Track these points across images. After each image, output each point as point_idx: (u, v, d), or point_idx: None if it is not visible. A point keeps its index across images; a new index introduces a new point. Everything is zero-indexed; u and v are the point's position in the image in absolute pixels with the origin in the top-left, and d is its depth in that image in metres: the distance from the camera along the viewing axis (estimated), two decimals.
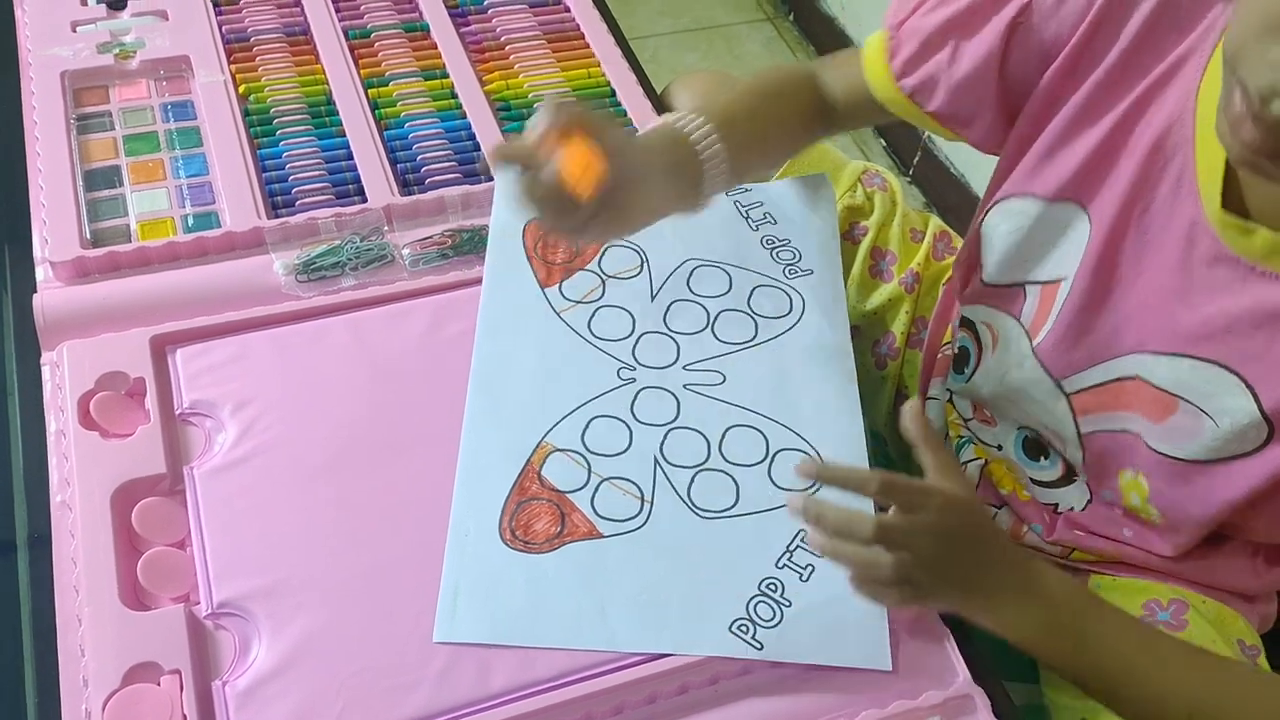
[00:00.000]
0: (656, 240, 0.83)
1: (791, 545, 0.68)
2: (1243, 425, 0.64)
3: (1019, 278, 0.76)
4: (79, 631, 0.61)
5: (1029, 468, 0.81)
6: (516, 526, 0.68)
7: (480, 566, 0.66)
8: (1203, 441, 0.67)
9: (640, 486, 0.71)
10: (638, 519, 0.69)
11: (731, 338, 0.79)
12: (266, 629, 0.62)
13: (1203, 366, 0.65)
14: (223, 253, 0.81)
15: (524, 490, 0.69)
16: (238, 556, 0.65)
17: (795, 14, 2.23)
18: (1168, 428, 0.69)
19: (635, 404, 0.75)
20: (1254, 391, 0.64)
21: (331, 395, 0.73)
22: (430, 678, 0.61)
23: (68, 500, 0.67)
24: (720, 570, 0.67)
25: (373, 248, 0.81)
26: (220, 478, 0.68)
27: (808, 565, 0.67)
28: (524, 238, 0.83)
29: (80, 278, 0.78)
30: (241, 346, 0.75)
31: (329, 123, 0.91)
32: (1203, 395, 0.66)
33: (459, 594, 0.64)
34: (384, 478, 0.69)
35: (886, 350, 0.92)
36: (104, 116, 0.90)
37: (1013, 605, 0.62)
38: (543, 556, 0.67)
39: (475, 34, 1.01)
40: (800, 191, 0.89)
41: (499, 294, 0.79)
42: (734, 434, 0.74)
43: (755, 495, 0.71)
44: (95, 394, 0.70)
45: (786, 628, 0.65)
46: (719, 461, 0.72)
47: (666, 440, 0.73)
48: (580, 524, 0.68)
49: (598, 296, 0.80)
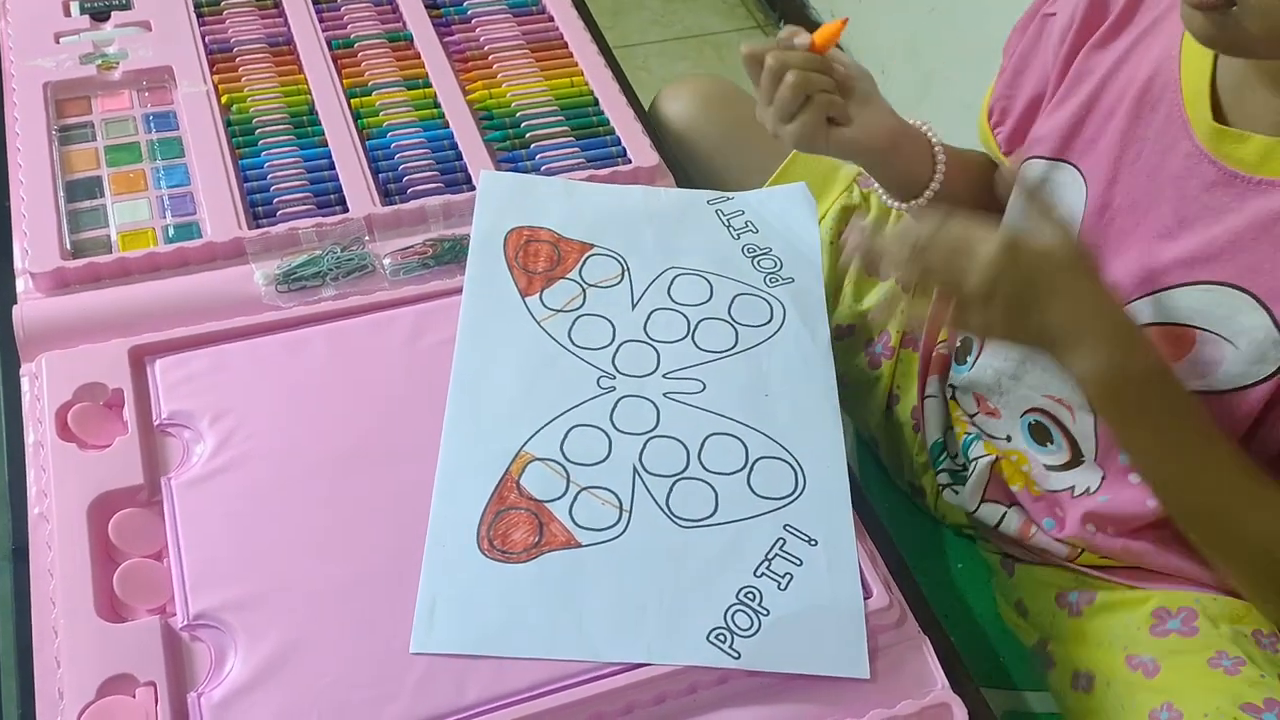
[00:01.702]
0: (638, 249, 0.84)
1: (770, 554, 0.68)
2: (1260, 342, 0.65)
3: None
4: (55, 643, 0.61)
5: (1039, 454, 0.81)
6: (494, 536, 0.68)
7: (457, 576, 0.65)
8: (1225, 369, 0.67)
9: (619, 495, 0.70)
10: (616, 528, 0.69)
11: (712, 346, 0.79)
12: (242, 640, 0.62)
13: (1215, 289, 0.66)
14: (203, 263, 0.81)
15: (502, 499, 0.69)
16: (214, 568, 0.65)
17: (784, 21, 2.23)
18: (1190, 361, 0.69)
19: (615, 413, 0.75)
20: (1267, 306, 0.64)
21: (311, 406, 0.73)
22: (407, 689, 0.61)
23: (45, 512, 0.66)
24: (699, 579, 0.67)
25: (353, 257, 0.81)
26: (198, 489, 0.68)
27: (786, 574, 0.67)
28: (505, 247, 0.83)
29: (60, 289, 0.78)
30: (220, 357, 0.74)
31: (311, 132, 0.91)
32: (1218, 320, 0.66)
33: (436, 605, 0.64)
34: (362, 489, 0.69)
35: (881, 350, 0.92)
36: (86, 127, 0.90)
37: (1084, 349, 0.64)
38: (520, 566, 0.66)
39: (458, 43, 1.01)
40: (781, 200, 0.89)
41: (479, 302, 0.79)
42: (713, 442, 0.74)
43: (734, 504, 0.71)
44: (73, 405, 0.70)
45: (764, 637, 0.64)
46: (698, 470, 0.72)
47: (646, 449, 0.73)
48: (558, 533, 0.68)
49: (578, 305, 0.80)
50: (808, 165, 0.93)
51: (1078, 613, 0.81)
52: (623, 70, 1.02)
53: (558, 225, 0.85)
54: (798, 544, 0.69)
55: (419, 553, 0.66)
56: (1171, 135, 0.67)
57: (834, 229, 0.91)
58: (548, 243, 0.83)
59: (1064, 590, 0.82)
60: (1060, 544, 0.81)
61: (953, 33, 1.71)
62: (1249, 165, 0.63)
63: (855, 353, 0.92)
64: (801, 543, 0.69)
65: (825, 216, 0.91)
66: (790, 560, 0.68)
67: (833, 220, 0.91)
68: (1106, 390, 0.65)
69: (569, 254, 0.83)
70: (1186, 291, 0.68)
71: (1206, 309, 0.67)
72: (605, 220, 0.86)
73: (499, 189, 0.86)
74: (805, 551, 0.69)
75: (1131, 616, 0.77)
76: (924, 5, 1.77)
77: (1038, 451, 0.81)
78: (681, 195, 0.89)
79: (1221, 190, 0.65)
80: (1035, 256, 0.64)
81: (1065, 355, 0.65)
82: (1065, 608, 0.82)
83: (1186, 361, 0.69)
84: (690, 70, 2.12)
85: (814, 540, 0.69)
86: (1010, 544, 0.86)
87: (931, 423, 0.90)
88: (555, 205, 0.86)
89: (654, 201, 0.88)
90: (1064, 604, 0.82)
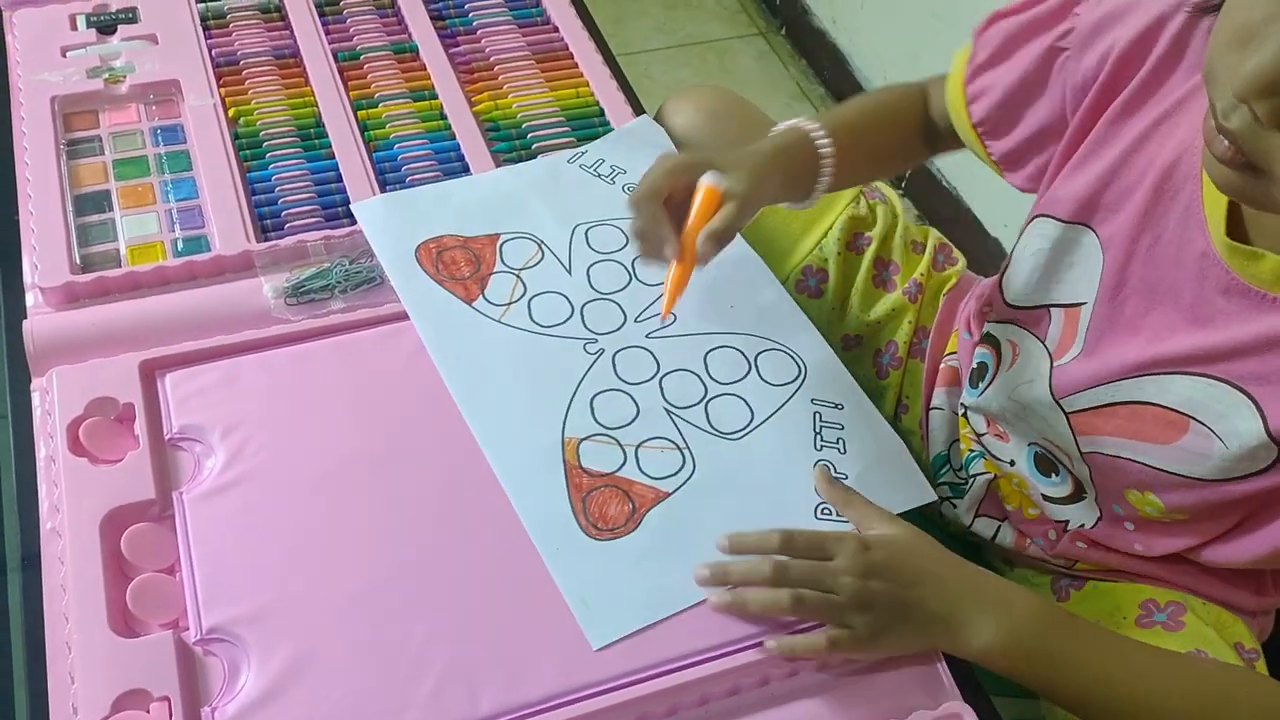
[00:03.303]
0: (539, 223, 0.87)
1: (817, 429, 0.76)
2: (1251, 447, 0.65)
3: (1040, 300, 0.77)
4: (69, 659, 0.61)
5: (1041, 483, 0.81)
6: (595, 519, 0.70)
7: (588, 569, 0.68)
8: (1213, 463, 0.67)
9: (670, 439, 0.74)
10: (686, 467, 0.73)
11: (658, 280, 0.82)
12: (255, 654, 0.62)
13: (1217, 385, 0.66)
14: (212, 277, 0.81)
15: (579, 486, 0.71)
16: (227, 582, 0.65)
17: (787, 28, 2.23)
18: (1179, 448, 0.68)
19: (617, 370, 0.78)
20: (1264, 414, 0.64)
21: (320, 418, 0.73)
22: (419, 701, 0.61)
23: (57, 527, 0.67)
24: (777, 476, 0.73)
25: (361, 270, 0.82)
26: (209, 503, 0.68)
27: (838, 439, 0.75)
28: (421, 265, 0.82)
29: (70, 303, 0.78)
30: (230, 371, 0.75)
31: (318, 145, 0.92)
32: (1214, 415, 0.66)
33: (588, 601, 0.66)
34: (373, 500, 0.69)
35: (889, 360, 0.92)
36: (94, 141, 0.90)
37: (973, 626, 0.64)
38: (632, 535, 0.69)
39: (464, 55, 1.01)
40: (632, 137, 0.93)
41: (434, 326, 0.78)
42: (714, 359, 0.79)
43: (763, 401, 0.77)
44: (84, 420, 0.71)
45: None
46: (717, 388, 0.78)
47: (665, 389, 0.77)
48: (645, 493, 0.71)
49: (522, 293, 0.82)
50: None
51: (1066, 597, 0.82)
52: (628, 80, 1.02)
53: (457, 228, 0.85)
54: (830, 411, 0.77)
55: (429, 563, 0.67)
56: (1190, 231, 0.65)
57: (842, 240, 0.91)
58: (458, 248, 0.84)
59: (1058, 578, 0.84)
60: (1054, 558, 0.82)
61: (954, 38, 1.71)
62: (1264, 283, 0.62)
63: (863, 363, 0.93)
64: (832, 409, 0.77)
65: (833, 227, 0.91)
66: (834, 427, 0.76)
67: (840, 230, 0.91)
68: (1007, 658, 0.64)
69: (483, 250, 0.84)
70: (1189, 380, 0.67)
71: (1205, 402, 0.66)
72: (496, 207, 0.87)
73: (379, 213, 0.85)
74: (839, 416, 0.77)
75: (1120, 604, 0.78)
76: (924, 9, 1.77)
77: (1041, 481, 0.81)
78: (542, 163, 0.91)
79: (1237, 298, 0.64)
80: (888, 549, 0.66)
81: (957, 639, 0.64)
82: (1056, 592, 0.83)
83: (1175, 447, 0.69)
84: (693, 77, 2.12)
85: (839, 405, 0.78)
86: (1006, 554, 0.87)
87: (936, 435, 0.90)
88: (439, 211, 0.86)
89: (523, 176, 0.90)
90: (1055, 589, 0.83)
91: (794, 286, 0.92)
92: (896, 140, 0.87)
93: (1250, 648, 0.75)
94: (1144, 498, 0.73)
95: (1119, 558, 0.78)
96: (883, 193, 0.96)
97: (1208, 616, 0.76)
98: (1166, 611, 0.75)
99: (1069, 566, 0.82)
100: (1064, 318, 0.75)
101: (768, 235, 0.92)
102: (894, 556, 0.66)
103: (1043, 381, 0.76)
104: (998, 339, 0.82)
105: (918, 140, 0.88)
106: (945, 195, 1.83)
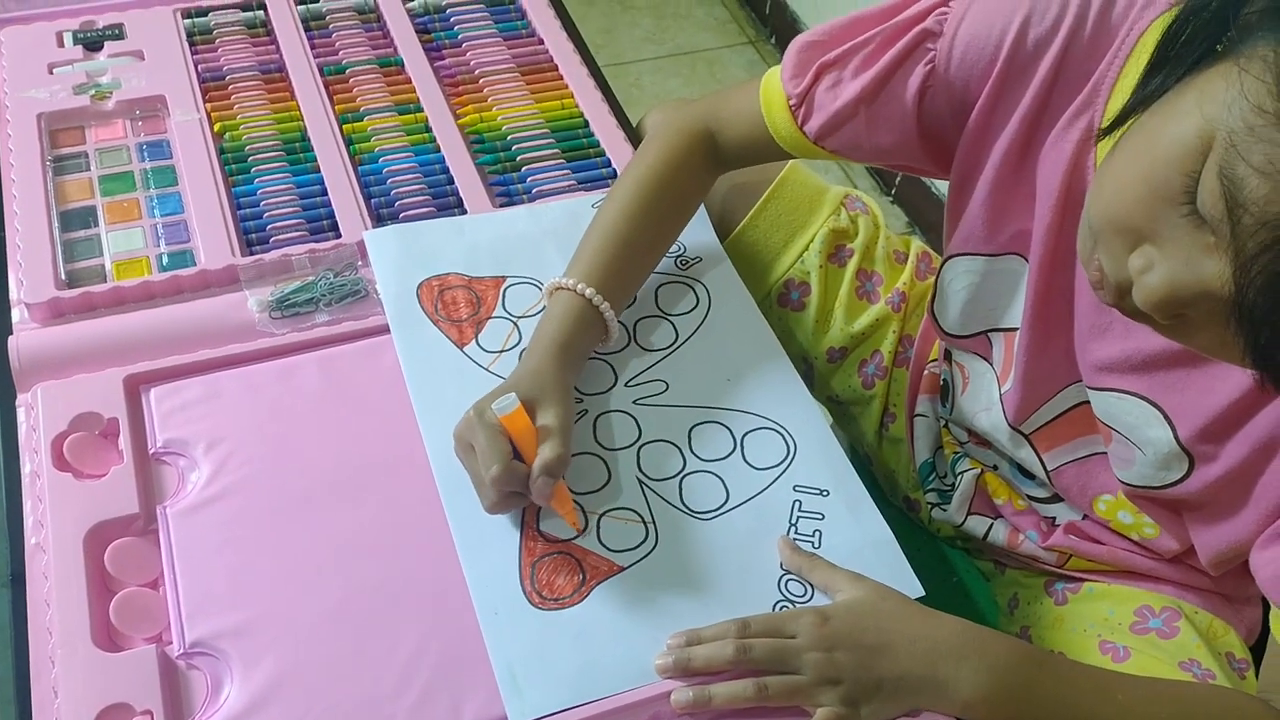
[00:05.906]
0: (548, 269, 0.83)
1: (793, 519, 0.72)
2: (1164, 455, 0.67)
3: (979, 328, 0.78)
4: (52, 673, 0.62)
5: (1023, 485, 0.83)
6: (540, 587, 0.67)
7: (522, 638, 0.65)
8: (1137, 470, 0.70)
9: (637, 510, 0.72)
10: (647, 541, 0.70)
11: (657, 344, 0.81)
12: (238, 668, 0.62)
13: (1128, 399, 0.68)
14: (197, 291, 0.81)
15: (531, 551, 0.69)
16: (210, 596, 0.65)
17: (777, 38, 2.24)
18: (1110, 453, 0.72)
19: (596, 433, 0.75)
20: (1171, 423, 0.66)
21: (304, 433, 0.73)
22: (402, 714, 0.61)
23: (42, 542, 0.67)
24: (741, 564, 0.69)
25: (346, 283, 0.82)
26: (193, 517, 0.69)
27: (815, 531, 0.71)
28: (421, 303, 0.81)
29: (55, 319, 0.78)
30: (215, 385, 0.75)
31: (304, 159, 0.92)
32: (1129, 426, 0.69)
33: (515, 672, 0.63)
34: (356, 515, 0.70)
35: (874, 370, 0.93)
36: (80, 157, 0.91)
37: (956, 681, 0.63)
38: (576, 608, 0.66)
39: (449, 68, 1.02)
40: None
41: (421, 367, 0.77)
42: (699, 433, 0.76)
43: (741, 483, 0.73)
44: (69, 435, 0.71)
45: (819, 597, 0.68)
46: (697, 463, 0.74)
47: (641, 459, 0.74)
48: (599, 564, 0.69)
49: (516, 341, 0.80)
50: (794, 188, 0.93)
51: (1062, 600, 0.82)
52: (613, 91, 1.03)
53: (464, 267, 0.84)
54: (812, 499, 0.72)
55: (412, 577, 0.67)
56: None
57: (823, 252, 0.91)
58: (461, 288, 0.82)
59: (1052, 580, 0.84)
60: (1047, 551, 0.82)
61: None
62: None
63: (849, 373, 0.93)
64: (815, 496, 0.72)
65: (814, 240, 0.91)
66: (812, 517, 0.71)
67: (821, 243, 0.91)
68: (994, 705, 0.63)
69: (486, 293, 0.82)
70: (1104, 395, 0.70)
71: (1119, 415, 0.69)
72: (506, 249, 0.85)
73: (389, 246, 0.84)
74: (821, 504, 0.72)
75: (1115, 608, 0.78)
76: None
77: (1023, 484, 0.83)
78: (562, 206, 0.89)
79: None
80: (847, 617, 0.64)
81: (942, 697, 0.63)
82: (1051, 595, 0.83)
83: (1109, 451, 0.72)
84: (683, 86, 2.13)
85: (825, 491, 0.73)
86: (1000, 553, 0.87)
87: (921, 442, 0.90)
88: (451, 247, 0.85)
89: (543, 218, 0.88)
90: (1050, 592, 0.84)
91: (776, 300, 0.92)
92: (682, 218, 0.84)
93: (1241, 657, 0.76)
94: (1118, 501, 0.75)
95: (1112, 551, 0.79)
96: (865, 203, 0.97)
97: (1200, 625, 0.76)
98: (1161, 617, 0.76)
99: (1063, 563, 0.82)
100: (1004, 342, 0.77)
101: (748, 251, 0.92)
102: (856, 623, 0.64)
103: (996, 410, 0.78)
104: (952, 358, 0.83)
105: (706, 188, 0.85)
106: (935, 202, 1.84)
